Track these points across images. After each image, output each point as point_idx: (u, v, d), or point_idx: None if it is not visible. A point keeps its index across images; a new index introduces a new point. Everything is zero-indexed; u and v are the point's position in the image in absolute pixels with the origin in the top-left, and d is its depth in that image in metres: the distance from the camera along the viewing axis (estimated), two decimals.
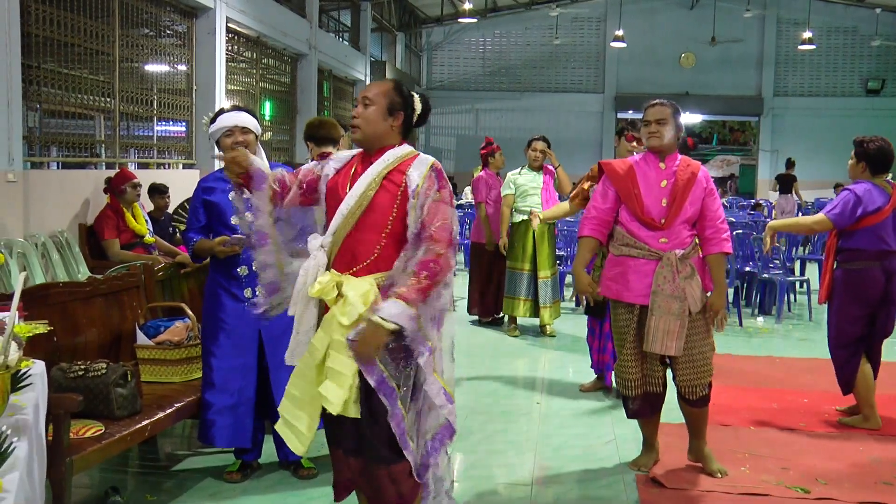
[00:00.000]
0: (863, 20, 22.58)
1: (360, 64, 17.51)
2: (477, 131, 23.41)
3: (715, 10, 22.20)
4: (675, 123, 4.02)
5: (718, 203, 4.07)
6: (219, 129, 3.93)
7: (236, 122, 3.91)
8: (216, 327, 3.95)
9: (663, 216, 3.97)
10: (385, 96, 2.93)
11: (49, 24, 7.09)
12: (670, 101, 4.11)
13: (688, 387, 4.07)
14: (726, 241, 4.02)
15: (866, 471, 4.33)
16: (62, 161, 8.17)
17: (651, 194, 4.00)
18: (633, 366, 4.09)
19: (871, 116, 21.54)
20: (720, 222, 4.02)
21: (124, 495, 3.84)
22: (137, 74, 9.02)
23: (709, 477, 4.16)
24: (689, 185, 3.99)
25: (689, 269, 3.95)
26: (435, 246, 2.75)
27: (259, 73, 12.55)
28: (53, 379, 3.40)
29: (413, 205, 2.81)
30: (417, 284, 2.71)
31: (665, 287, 3.91)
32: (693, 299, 3.93)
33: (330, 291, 2.82)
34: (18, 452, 2.29)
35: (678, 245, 3.97)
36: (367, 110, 2.92)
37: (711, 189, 4.06)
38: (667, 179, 4.01)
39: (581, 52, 23.76)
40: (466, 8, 18.89)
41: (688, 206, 3.98)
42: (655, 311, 3.92)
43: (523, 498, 3.97)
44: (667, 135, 4.00)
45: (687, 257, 3.97)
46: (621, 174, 4.06)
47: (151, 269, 4.63)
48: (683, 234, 4.00)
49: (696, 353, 4.02)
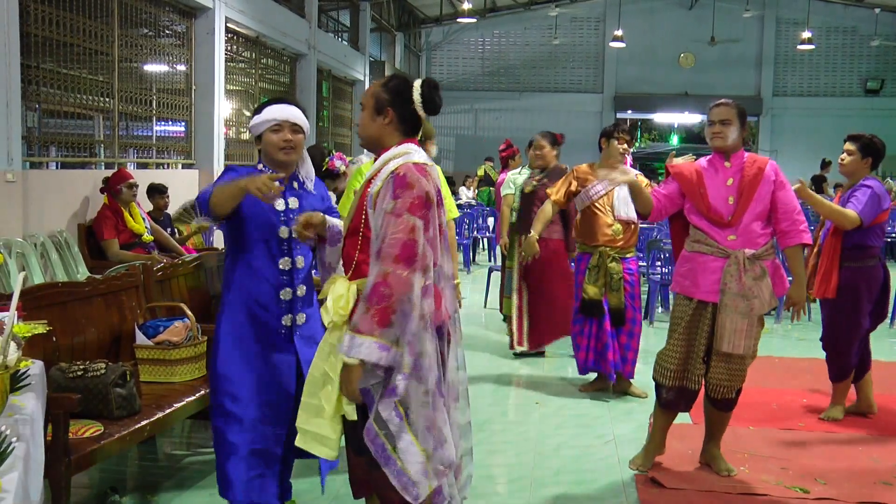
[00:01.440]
0: (862, 20, 22.60)
1: (360, 64, 17.51)
2: (476, 131, 23.43)
3: (714, 10, 22.22)
4: (739, 124, 4.07)
5: (791, 195, 4.03)
6: (264, 121, 3.24)
7: (287, 116, 3.23)
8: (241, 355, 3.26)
9: (731, 213, 3.99)
10: (372, 97, 2.85)
11: (48, 24, 7.09)
12: (735, 101, 4.15)
13: (717, 387, 4.07)
14: (804, 232, 3.98)
15: (866, 471, 4.33)
16: (61, 161, 8.17)
17: (717, 193, 4.03)
18: (677, 357, 4.09)
19: (871, 116, 21.53)
20: (796, 213, 3.99)
21: (123, 495, 3.84)
22: (136, 74, 9.02)
23: (708, 477, 4.16)
24: (755, 180, 4.00)
25: (759, 269, 3.93)
26: (382, 265, 2.57)
27: (258, 73, 12.55)
28: (52, 379, 3.40)
29: (371, 214, 2.73)
30: (369, 312, 2.55)
31: (732, 285, 3.91)
32: (761, 301, 3.92)
33: (325, 292, 2.86)
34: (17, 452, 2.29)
35: (749, 244, 3.97)
36: (362, 115, 2.90)
37: (782, 182, 4.02)
38: (733, 177, 4.04)
39: (580, 52, 23.77)
40: (465, 8, 18.91)
41: (756, 201, 3.99)
42: (723, 309, 3.93)
43: (523, 498, 3.97)
44: (731, 135, 4.05)
45: (759, 258, 3.95)
46: (688, 177, 4.11)
47: (151, 269, 4.63)
48: (755, 233, 3.99)
49: (739, 354, 3.98)
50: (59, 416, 3.03)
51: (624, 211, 5.40)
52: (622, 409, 5.41)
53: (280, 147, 3.24)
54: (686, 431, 4.63)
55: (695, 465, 4.32)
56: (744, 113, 4.12)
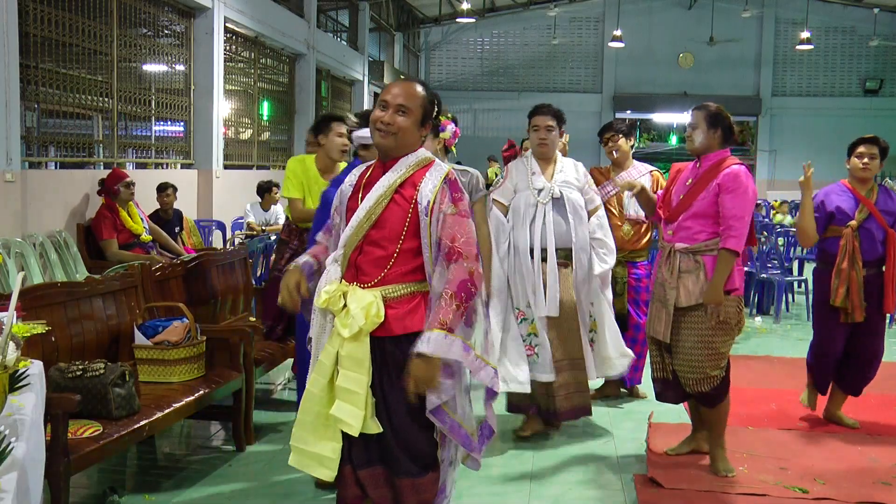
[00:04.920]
0: (861, 20, 22.59)
1: (359, 64, 17.51)
2: (475, 131, 23.41)
3: (713, 9, 22.20)
4: (706, 127, 4.15)
5: (733, 202, 4.02)
6: (362, 137, 3.70)
7: None
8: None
9: (671, 210, 4.21)
10: (422, 107, 2.79)
11: (47, 24, 7.09)
12: (712, 105, 4.24)
13: (684, 380, 4.18)
14: (731, 238, 4.00)
15: (864, 471, 4.33)
16: (60, 161, 8.16)
17: (677, 191, 4.25)
18: (654, 351, 4.35)
19: (870, 116, 21.53)
20: (732, 220, 4.01)
21: (122, 495, 3.84)
22: (135, 74, 9.02)
23: (707, 477, 4.16)
24: (704, 182, 4.11)
25: (692, 263, 4.08)
26: (466, 263, 2.67)
27: (257, 73, 12.54)
28: (52, 379, 3.40)
29: (427, 222, 2.72)
30: (459, 310, 2.63)
31: (660, 275, 4.19)
32: (686, 292, 4.07)
33: (336, 301, 2.74)
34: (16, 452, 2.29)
35: (684, 239, 4.12)
36: (401, 119, 2.76)
37: (730, 188, 4.02)
38: (694, 178, 4.18)
39: (579, 52, 23.76)
40: (464, 8, 18.90)
41: (699, 201, 4.09)
42: (652, 298, 4.29)
43: (522, 498, 3.97)
44: (696, 138, 4.18)
45: (696, 252, 4.08)
46: (672, 176, 4.40)
47: (149, 270, 4.63)
48: (692, 230, 4.11)
49: (688, 346, 4.10)
50: (59, 416, 3.03)
51: (633, 209, 5.36)
52: (622, 409, 5.41)
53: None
54: (685, 431, 4.63)
55: (694, 465, 4.32)
56: (716, 116, 4.16)
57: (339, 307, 2.73)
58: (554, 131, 4.76)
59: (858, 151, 4.84)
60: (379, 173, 2.84)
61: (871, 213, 4.75)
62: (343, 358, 2.72)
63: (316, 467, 2.79)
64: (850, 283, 4.70)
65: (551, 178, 4.70)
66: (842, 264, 4.71)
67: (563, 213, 4.62)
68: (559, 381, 4.58)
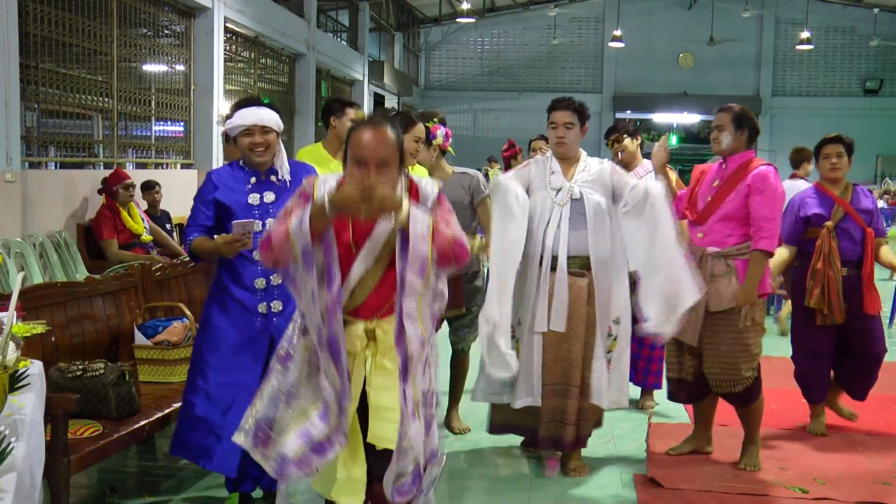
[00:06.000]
0: (861, 20, 22.61)
1: (359, 64, 17.51)
2: (475, 131, 23.43)
3: (713, 9, 22.22)
4: (733, 128, 4.14)
5: (765, 203, 4.01)
6: (236, 126, 3.53)
7: (256, 120, 3.50)
8: (219, 338, 3.50)
9: (701, 212, 4.17)
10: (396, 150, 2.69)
11: (47, 24, 7.09)
12: (737, 106, 4.26)
13: (716, 382, 4.18)
14: (762, 239, 3.99)
15: (864, 471, 4.33)
16: (60, 161, 8.17)
17: (704, 193, 4.21)
18: (671, 350, 4.32)
19: (869, 116, 21.57)
20: (762, 221, 4.00)
21: (122, 495, 3.84)
22: (135, 74, 9.01)
23: (707, 477, 4.16)
24: (732, 183, 4.10)
25: (724, 267, 4.06)
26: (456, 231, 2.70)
27: (257, 73, 12.54)
28: (51, 379, 3.39)
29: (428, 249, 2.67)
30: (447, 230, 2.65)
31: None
32: (718, 296, 4.04)
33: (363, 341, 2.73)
34: (17, 452, 2.29)
35: (715, 242, 4.11)
36: (385, 171, 2.64)
37: (760, 189, 4.02)
38: (720, 179, 4.16)
39: (579, 52, 23.78)
40: (464, 8, 18.91)
41: (727, 203, 4.09)
42: None
43: (522, 497, 3.97)
44: (724, 140, 4.17)
45: (727, 255, 4.07)
46: (696, 177, 4.35)
47: (150, 269, 4.62)
48: (723, 233, 4.10)
49: (724, 349, 4.10)
50: (59, 416, 3.03)
51: None
52: (622, 409, 5.39)
53: (252, 149, 3.52)
54: (684, 431, 4.63)
55: (694, 465, 4.32)
56: (742, 117, 4.18)
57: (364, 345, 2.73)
58: (574, 128, 4.16)
59: (825, 153, 4.76)
60: None
61: (847, 213, 4.66)
62: (375, 382, 2.74)
63: (344, 496, 2.74)
64: (827, 284, 4.58)
65: (572, 178, 4.14)
66: (816, 264, 4.59)
67: (581, 218, 4.05)
68: (545, 407, 4.07)
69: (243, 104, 3.58)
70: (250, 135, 3.50)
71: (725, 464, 4.34)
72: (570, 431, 4.07)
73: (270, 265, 2.77)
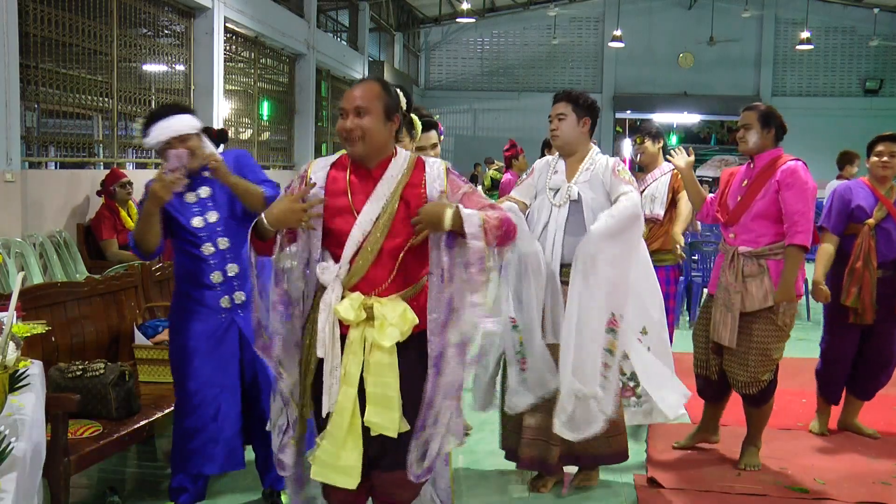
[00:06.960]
0: (861, 20, 22.60)
1: (359, 64, 17.51)
2: (475, 131, 23.43)
3: (713, 9, 22.22)
4: (759, 127, 4.16)
5: (797, 197, 4.00)
6: (155, 144, 3.51)
7: (171, 133, 3.45)
8: (188, 346, 3.46)
9: (732, 212, 4.19)
10: (379, 99, 2.70)
11: (47, 24, 7.08)
12: (762, 104, 4.30)
13: (734, 380, 4.21)
14: (797, 234, 3.98)
15: (864, 470, 4.33)
16: (60, 161, 8.17)
17: (734, 193, 4.23)
18: (699, 348, 4.37)
19: (869, 116, 21.53)
20: (796, 215, 4.00)
21: (122, 495, 3.84)
22: (135, 74, 9.01)
23: (707, 477, 4.17)
24: (762, 181, 4.10)
25: (756, 267, 4.06)
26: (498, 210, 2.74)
27: (257, 73, 12.54)
28: (51, 379, 3.40)
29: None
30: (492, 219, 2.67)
31: (724, 280, 4.12)
32: (750, 297, 4.04)
33: (359, 315, 2.68)
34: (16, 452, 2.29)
35: (748, 242, 4.10)
36: (364, 119, 2.68)
37: (790, 184, 4.02)
38: (749, 179, 4.18)
39: (579, 52, 23.77)
40: (464, 8, 18.92)
41: (758, 202, 4.09)
42: (715, 302, 4.18)
43: (521, 497, 3.97)
44: (750, 139, 4.19)
45: (760, 255, 4.06)
46: (725, 179, 4.38)
47: (149, 270, 4.63)
48: (756, 232, 4.09)
49: (742, 350, 4.12)
50: (59, 416, 3.04)
51: (649, 208, 5.31)
52: None
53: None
54: (684, 431, 4.63)
55: (694, 465, 4.33)
56: (768, 115, 4.20)
57: (361, 319, 2.69)
58: (566, 119, 3.81)
59: (878, 150, 4.72)
60: (364, 179, 2.75)
61: (890, 213, 4.63)
62: (372, 365, 2.69)
63: (341, 478, 2.73)
64: (862, 284, 4.58)
65: (573, 177, 3.85)
66: (856, 263, 4.58)
67: (580, 221, 3.75)
68: (528, 423, 3.83)
69: (153, 119, 3.52)
70: (171, 147, 3.44)
71: (725, 464, 4.35)
72: (555, 452, 3.83)
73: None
